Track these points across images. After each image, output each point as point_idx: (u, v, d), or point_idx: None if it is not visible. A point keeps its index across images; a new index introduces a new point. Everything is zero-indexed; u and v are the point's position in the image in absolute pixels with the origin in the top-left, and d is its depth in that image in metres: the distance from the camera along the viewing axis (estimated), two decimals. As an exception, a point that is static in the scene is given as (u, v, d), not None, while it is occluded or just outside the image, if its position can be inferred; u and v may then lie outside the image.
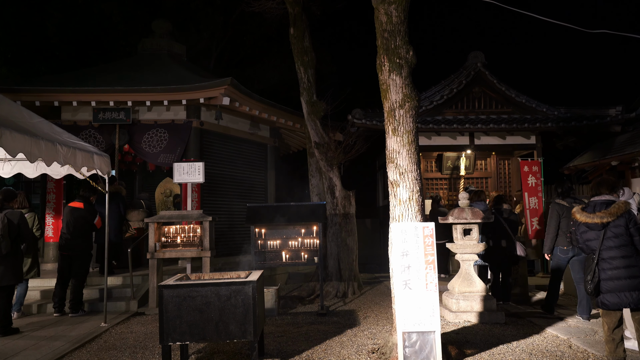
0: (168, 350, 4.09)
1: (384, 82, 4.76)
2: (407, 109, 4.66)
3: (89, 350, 5.03)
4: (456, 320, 5.82)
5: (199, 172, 7.52)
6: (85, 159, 5.78)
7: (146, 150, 9.26)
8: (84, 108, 9.19)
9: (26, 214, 6.41)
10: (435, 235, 4.36)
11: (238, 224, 10.24)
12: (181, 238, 7.12)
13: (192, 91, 8.83)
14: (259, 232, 7.01)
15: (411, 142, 4.65)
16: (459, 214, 6.11)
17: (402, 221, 4.56)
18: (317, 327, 5.83)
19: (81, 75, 10.17)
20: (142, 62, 10.99)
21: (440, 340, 4.11)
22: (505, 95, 11.44)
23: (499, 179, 12.93)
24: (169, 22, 12.03)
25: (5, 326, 5.62)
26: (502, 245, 6.93)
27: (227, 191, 10.21)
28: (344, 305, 7.30)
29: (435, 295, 4.20)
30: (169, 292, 4.06)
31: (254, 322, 4.06)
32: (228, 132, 10.19)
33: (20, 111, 5.62)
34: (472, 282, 6.05)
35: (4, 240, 5.48)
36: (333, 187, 8.55)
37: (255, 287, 4.11)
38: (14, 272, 5.70)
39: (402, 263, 4.29)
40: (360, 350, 4.77)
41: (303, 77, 8.87)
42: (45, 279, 7.54)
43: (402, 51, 4.69)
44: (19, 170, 6.51)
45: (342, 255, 8.40)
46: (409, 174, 4.59)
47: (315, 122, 8.71)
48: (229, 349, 4.84)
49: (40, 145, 4.81)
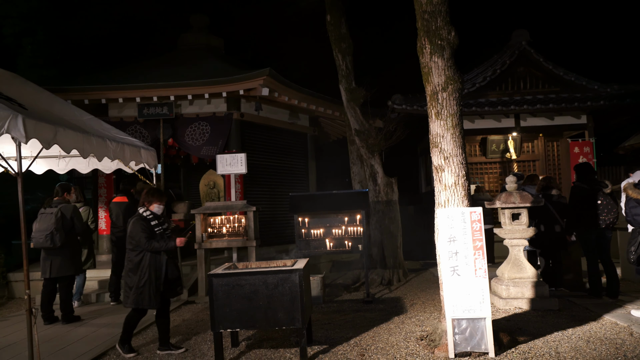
0: (219, 337, 4.19)
1: (425, 65, 4.65)
2: (451, 92, 4.54)
3: (145, 337, 5.23)
4: (506, 307, 5.67)
5: (241, 163, 7.63)
6: (133, 154, 5.98)
7: (189, 144, 9.46)
8: (129, 104, 9.47)
9: (80, 207, 6.69)
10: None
11: (280, 213, 10.34)
12: (227, 228, 7.26)
13: (232, 83, 8.92)
14: (303, 220, 7.06)
15: (455, 125, 4.53)
16: (506, 198, 5.93)
17: (448, 207, 4.47)
18: (364, 315, 5.83)
19: (125, 73, 10.47)
20: (181, 57, 11.21)
21: (491, 327, 4.02)
22: (552, 74, 10.97)
23: (547, 162, 12.45)
24: (207, 16, 12.17)
25: (67, 314, 5.93)
26: (551, 230, 6.70)
27: (268, 181, 10.32)
28: (389, 293, 7.27)
29: (485, 282, 4.10)
30: (218, 281, 4.15)
31: (302, 310, 4.10)
32: (268, 123, 10.27)
33: (72, 109, 5.87)
34: (522, 268, 5.87)
35: (58, 233, 5.74)
36: (375, 174, 8.48)
37: (301, 275, 4.14)
38: (73, 263, 5.99)
39: (449, 249, 4.21)
40: (408, 337, 4.74)
41: (341, 64, 8.80)
42: (101, 269, 7.87)
43: (444, 32, 4.56)
44: (73, 166, 6.80)
45: (385, 242, 8.34)
46: (454, 158, 4.49)
47: (355, 110, 8.64)
48: (277, 336, 4.92)
49: (92, 141, 5.00)
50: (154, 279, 4.41)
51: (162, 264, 4.47)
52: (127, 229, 6.92)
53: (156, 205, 4.64)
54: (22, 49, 13.95)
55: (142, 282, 4.38)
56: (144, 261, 4.41)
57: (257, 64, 11.75)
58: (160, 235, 4.50)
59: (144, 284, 4.38)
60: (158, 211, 4.65)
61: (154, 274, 4.42)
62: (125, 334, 4.59)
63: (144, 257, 4.42)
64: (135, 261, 4.43)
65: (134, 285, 4.40)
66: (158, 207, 4.65)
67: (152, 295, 4.39)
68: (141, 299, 4.39)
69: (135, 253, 4.45)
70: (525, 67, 11.12)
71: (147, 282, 4.39)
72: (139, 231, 4.40)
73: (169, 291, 4.54)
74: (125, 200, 7.19)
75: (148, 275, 4.40)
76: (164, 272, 4.46)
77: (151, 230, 4.47)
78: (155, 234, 4.48)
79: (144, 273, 4.40)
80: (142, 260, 4.42)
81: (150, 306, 4.44)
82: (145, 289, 4.38)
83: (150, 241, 4.40)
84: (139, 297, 4.38)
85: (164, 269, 4.46)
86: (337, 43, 8.77)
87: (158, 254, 4.47)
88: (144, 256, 4.42)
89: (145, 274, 4.39)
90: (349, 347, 4.55)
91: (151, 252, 4.42)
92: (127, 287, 4.47)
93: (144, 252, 4.42)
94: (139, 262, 4.42)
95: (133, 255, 4.46)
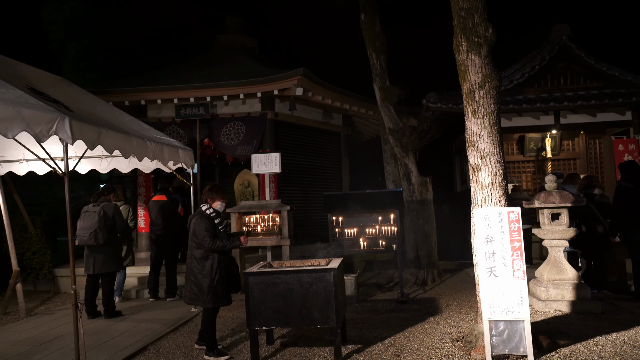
0: (255, 334, 4.25)
1: (461, 62, 4.58)
2: (488, 90, 4.47)
3: (182, 333, 5.37)
4: (545, 310, 5.53)
5: (275, 162, 7.72)
6: (172, 154, 6.13)
7: (225, 143, 9.63)
8: (167, 105, 9.71)
9: (121, 206, 6.92)
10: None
11: (314, 212, 10.39)
12: (261, 227, 7.36)
13: (266, 83, 9.03)
14: (336, 220, 7.07)
15: (492, 124, 4.45)
16: (545, 197, 5.77)
17: (484, 206, 4.39)
18: (398, 315, 5.80)
19: (163, 75, 10.75)
20: (217, 58, 11.41)
21: (530, 329, 3.93)
22: (594, 69, 10.58)
23: (588, 160, 12.03)
24: (241, 18, 12.35)
25: (109, 309, 6.15)
26: (593, 230, 6.48)
27: (302, 180, 10.39)
28: (423, 293, 7.20)
29: (524, 283, 4.01)
30: (253, 279, 4.21)
31: (336, 309, 4.12)
32: (301, 122, 10.33)
33: (113, 111, 6.08)
34: (563, 269, 5.71)
35: (101, 231, 5.96)
36: (409, 173, 8.41)
37: (336, 274, 4.16)
38: (114, 260, 6.21)
39: (486, 250, 4.14)
40: (444, 338, 4.69)
41: (375, 63, 8.76)
42: (140, 266, 8.10)
43: (481, 29, 4.48)
44: (114, 166, 7.04)
45: (420, 242, 8.26)
46: (491, 157, 4.41)
47: (389, 108, 8.59)
48: (312, 335, 4.95)
49: (132, 142, 5.16)
50: (224, 277, 4.42)
51: (230, 259, 4.50)
52: (166, 227, 7.15)
53: (219, 203, 4.62)
54: (67, 53, 14.55)
55: (214, 281, 4.37)
56: (213, 260, 4.39)
57: (290, 64, 11.84)
58: (224, 234, 4.49)
59: (217, 282, 4.38)
60: (220, 209, 4.62)
61: (224, 271, 4.43)
62: (209, 339, 4.49)
63: (210, 255, 4.39)
64: (203, 261, 4.39)
65: (207, 285, 4.36)
66: (221, 204, 4.63)
67: (225, 292, 4.44)
68: (217, 298, 4.40)
69: (201, 251, 4.40)
70: (566, 62, 10.77)
71: (219, 281, 4.39)
72: (203, 230, 4.35)
73: (232, 288, 4.56)
74: (164, 199, 7.38)
75: (219, 274, 4.39)
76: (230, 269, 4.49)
77: (215, 228, 4.44)
78: (219, 232, 4.46)
79: (215, 273, 4.38)
80: (210, 259, 4.39)
81: (224, 303, 4.47)
82: (218, 288, 4.39)
83: (215, 240, 4.36)
84: (215, 296, 4.38)
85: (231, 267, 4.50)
86: (371, 42, 8.74)
87: (224, 252, 4.47)
88: (210, 255, 4.39)
89: (217, 273, 4.38)
90: (383, 347, 4.54)
91: (216, 252, 4.41)
92: (198, 288, 4.39)
93: (210, 252, 4.40)
94: (208, 262, 4.38)
95: (199, 254, 4.41)
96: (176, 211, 7.54)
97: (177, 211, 7.55)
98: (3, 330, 5.80)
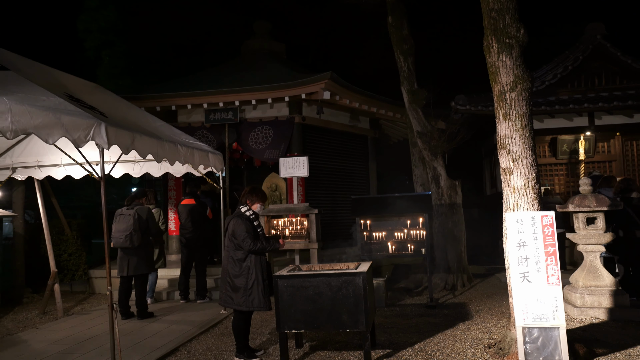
0: (284, 337, 4.27)
1: (492, 64, 4.52)
2: (519, 92, 4.40)
3: (213, 335, 5.44)
4: (581, 317, 5.37)
5: (303, 166, 7.74)
6: (202, 158, 6.23)
7: (253, 147, 9.73)
8: (196, 110, 9.89)
9: (153, 209, 7.07)
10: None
11: (341, 215, 10.38)
12: (289, 230, 7.39)
13: (294, 88, 9.09)
14: (364, 223, 7.05)
15: (524, 126, 4.38)
16: (580, 201, 5.62)
17: (516, 210, 4.31)
18: (427, 320, 5.73)
19: (192, 80, 10.95)
20: (245, 63, 11.56)
21: (565, 337, 3.83)
22: (630, 69, 10.27)
23: (625, 162, 11.65)
24: (269, 23, 12.48)
25: (142, 310, 6.29)
26: (631, 235, 6.26)
27: (329, 184, 10.40)
28: (453, 298, 7.10)
29: (559, 289, 3.91)
30: (283, 282, 4.23)
31: (366, 313, 4.10)
32: (329, 126, 10.35)
33: (145, 116, 6.22)
34: (599, 276, 5.54)
35: (136, 233, 6.11)
36: (437, 176, 8.32)
37: (365, 278, 4.15)
38: (147, 262, 6.35)
39: (519, 254, 4.06)
40: (475, 345, 4.61)
41: (403, 65, 8.71)
42: (171, 268, 8.26)
43: (512, 30, 4.41)
44: (147, 170, 7.20)
45: (449, 246, 8.16)
46: (523, 160, 4.33)
47: (417, 111, 8.53)
48: (341, 339, 4.94)
49: (165, 146, 5.27)
50: (261, 280, 4.37)
51: (266, 263, 4.47)
52: (196, 230, 7.26)
53: (259, 205, 4.64)
54: (101, 61, 14.99)
55: (250, 283, 4.34)
56: (250, 262, 4.38)
57: (318, 68, 11.89)
58: (262, 236, 4.50)
59: (252, 285, 4.34)
60: (259, 211, 4.64)
61: (261, 274, 4.39)
62: (240, 342, 4.49)
63: (247, 257, 4.39)
64: (241, 262, 4.38)
65: (241, 287, 4.34)
66: (260, 207, 4.66)
67: (262, 296, 4.35)
68: (250, 301, 4.34)
69: (239, 253, 4.39)
70: (601, 62, 10.48)
71: (255, 282, 4.34)
72: (244, 231, 4.35)
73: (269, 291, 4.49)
74: (193, 203, 7.50)
75: (255, 275, 4.36)
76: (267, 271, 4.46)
77: (255, 230, 4.46)
78: (258, 234, 4.48)
79: (250, 274, 4.35)
80: (247, 261, 4.38)
81: (261, 307, 4.37)
82: (254, 290, 4.34)
83: (256, 242, 4.35)
84: (247, 298, 4.34)
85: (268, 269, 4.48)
86: (399, 45, 8.69)
87: (262, 254, 4.46)
88: (247, 257, 4.39)
89: (252, 275, 4.35)
90: (413, 352, 4.50)
91: (256, 253, 4.40)
92: (231, 288, 4.39)
93: (248, 253, 4.40)
94: (245, 263, 4.38)
95: (237, 255, 4.40)
96: (205, 214, 7.65)
97: (205, 214, 7.66)
98: (43, 329, 6.00)
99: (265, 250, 4.44)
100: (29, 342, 5.41)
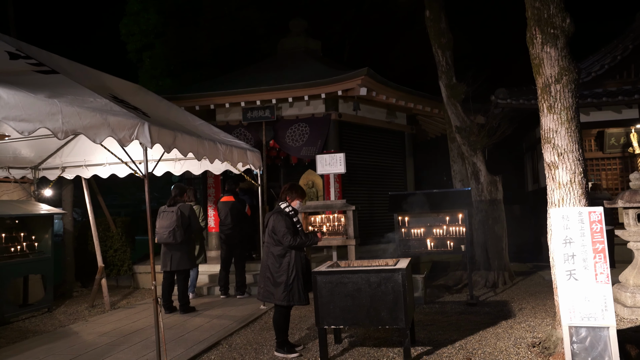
0: (324, 332, 4.30)
1: (535, 56, 4.39)
2: (565, 83, 4.25)
3: (253, 330, 5.53)
4: (632, 317, 5.15)
5: (340, 162, 7.75)
6: (240, 155, 6.33)
7: (289, 145, 9.80)
8: (234, 109, 10.04)
9: (193, 206, 7.23)
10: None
11: (378, 212, 10.32)
12: (327, 227, 7.41)
13: (331, 84, 9.08)
14: (402, 220, 6.99)
15: (571, 119, 4.23)
16: (630, 196, 5.39)
17: (562, 206, 4.18)
18: (468, 317, 5.63)
19: (230, 79, 11.12)
20: (281, 61, 11.63)
21: (616, 337, 3.68)
22: (684, 57, 9.72)
23: (678, 156, 11.05)
24: (305, 20, 12.50)
25: (184, 305, 6.45)
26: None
27: (366, 180, 10.35)
28: (494, 296, 6.94)
29: (608, 288, 3.76)
30: (322, 278, 4.26)
31: (405, 310, 4.07)
32: (365, 122, 10.30)
33: (185, 116, 6.37)
34: (651, 274, 5.29)
35: (179, 230, 6.27)
36: (477, 172, 8.15)
37: (404, 274, 4.12)
38: (189, 258, 6.52)
39: (565, 252, 3.92)
40: (518, 343, 4.50)
41: (441, 59, 8.56)
42: (211, 264, 8.43)
43: (557, 20, 4.27)
44: (187, 168, 7.38)
45: (489, 243, 7.98)
46: (569, 155, 4.19)
47: (456, 106, 8.37)
48: (379, 336, 4.93)
49: (205, 145, 5.38)
50: (301, 275, 4.44)
51: (305, 259, 4.54)
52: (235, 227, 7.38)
53: (298, 202, 4.71)
54: (142, 62, 15.44)
55: (290, 278, 4.39)
56: (290, 257, 4.44)
57: (354, 65, 11.84)
58: (302, 232, 4.55)
59: (293, 280, 4.40)
60: (299, 208, 4.72)
61: (301, 270, 4.45)
62: (280, 337, 4.53)
63: (287, 253, 4.45)
64: (281, 258, 4.44)
65: (282, 282, 4.40)
66: (300, 203, 4.73)
67: (301, 291, 4.42)
68: (291, 296, 4.40)
69: (279, 248, 4.46)
70: (652, 51, 9.97)
71: (295, 278, 4.40)
72: (284, 227, 4.41)
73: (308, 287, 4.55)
74: (232, 200, 7.63)
75: (295, 271, 4.42)
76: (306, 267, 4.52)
77: (294, 226, 4.52)
78: (298, 230, 4.54)
79: (291, 269, 4.41)
80: (287, 256, 4.44)
81: (301, 302, 4.43)
82: (294, 285, 4.40)
83: (295, 238, 4.41)
84: (289, 294, 4.40)
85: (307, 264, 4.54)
86: (437, 38, 8.55)
87: (301, 250, 4.53)
88: (287, 252, 4.45)
89: (293, 270, 4.41)
90: (453, 349, 4.43)
91: (296, 249, 4.47)
92: (272, 284, 4.44)
93: (287, 249, 4.45)
94: (285, 259, 4.44)
95: (277, 251, 4.46)
96: (244, 211, 7.77)
97: (244, 211, 7.78)
98: (92, 322, 6.26)
99: (304, 245, 4.49)
100: (79, 334, 5.66)
